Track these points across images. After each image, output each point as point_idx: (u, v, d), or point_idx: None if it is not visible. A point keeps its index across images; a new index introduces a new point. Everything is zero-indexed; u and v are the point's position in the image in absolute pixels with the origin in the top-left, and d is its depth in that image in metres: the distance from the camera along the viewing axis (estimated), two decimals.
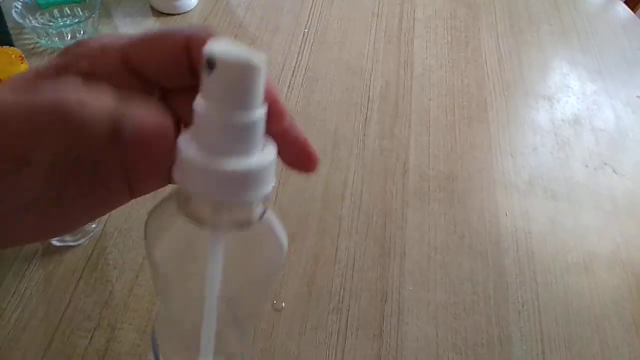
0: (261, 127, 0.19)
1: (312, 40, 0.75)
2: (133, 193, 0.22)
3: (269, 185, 0.19)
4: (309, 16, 0.79)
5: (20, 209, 0.19)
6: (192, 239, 0.22)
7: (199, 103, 0.18)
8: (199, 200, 0.19)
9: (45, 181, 0.19)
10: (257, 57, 0.17)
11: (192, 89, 0.19)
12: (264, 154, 0.19)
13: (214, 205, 0.19)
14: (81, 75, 0.19)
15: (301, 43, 0.75)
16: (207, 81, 0.17)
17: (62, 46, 0.67)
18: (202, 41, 0.18)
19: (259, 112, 0.18)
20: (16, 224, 0.20)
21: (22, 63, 0.36)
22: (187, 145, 0.18)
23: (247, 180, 0.18)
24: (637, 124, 0.73)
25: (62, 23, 0.69)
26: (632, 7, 1.15)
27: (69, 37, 0.66)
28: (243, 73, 0.17)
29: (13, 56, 0.36)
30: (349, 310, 0.49)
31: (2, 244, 0.21)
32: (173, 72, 0.20)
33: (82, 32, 0.67)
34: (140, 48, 0.20)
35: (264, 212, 0.21)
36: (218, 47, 0.17)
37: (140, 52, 0.20)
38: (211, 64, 0.17)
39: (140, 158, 0.20)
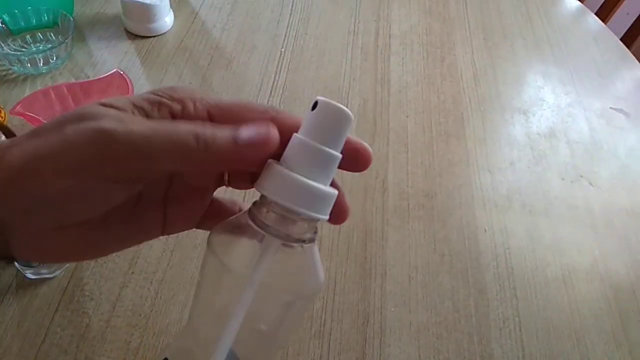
0: (336, 166, 0.24)
1: (289, 59, 0.76)
2: (165, 229, 0.25)
3: (326, 214, 0.23)
4: (285, 35, 0.79)
5: (72, 227, 0.22)
6: (249, 254, 0.24)
7: (296, 136, 0.23)
8: (274, 207, 0.23)
9: (105, 203, 0.22)
10: (348, 110, 0.23)
11: (199, 193, 0.24)
12: (331, 189, 0.23)
13: (282, 213, 0.23)
14: (171, 115, 0.22)
15: (278, 62, 0.75)
16: (308, 117, 0.23)
17: (34, 73, 0.66)
18: (289, 121, 0.23)
19: (338, 154, 0.23)
20: (60, 241, 0.22)
21: None
22: (275, 165, 0.23)
23: (316, 199, 0.23)
24: (611, 135, 0.74)
25: (34, 49, 0.68)
26: (603, 19, 1.17)
27: (42, 63, 0.65)
28: (336, 115, 0.23)
29: None
30: (330, 334, 0.49)
31: (39, 257, 0.24)
32: (226, 162, 0.23)
33: (55, 58, 0.66)
34: (224, 115, 0.23)
35: (311, 239, 0.24)
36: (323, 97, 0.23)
37: (222, 119, 0.23)
38: (315, 104, 0.23)
39: (237, 165, 0.23)
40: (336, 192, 0.23)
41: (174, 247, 0.53)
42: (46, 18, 0.69)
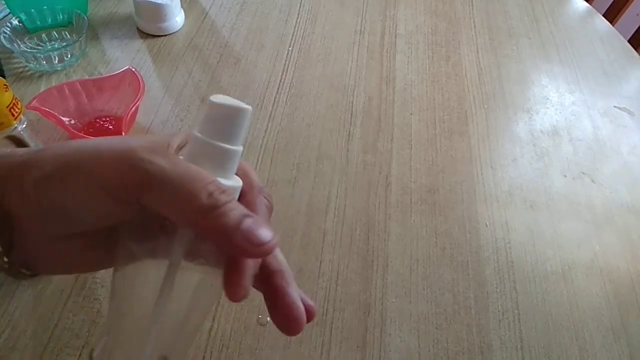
0: (233, 160, 0.24)
1: (295, 58, 0.77)
2: None
3: None
4: (292, 35, 0.81)
5: (76, 237, 0.23)
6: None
7: (194, 133, 0.23)
8: None
9: (109, 218, 0.23)
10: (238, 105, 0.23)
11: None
12: (235, 181, 0.24)
13: None
14: None
15: (285, 61, 0.76)
16: (204, 117, 0.23)
17: (50, 70, 0.68)
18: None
19: (238, 148, 0.24)
20: (61, 250, 0.24)
21: (6, 91, 0.37)
22: None
23: None
24: (614, 133, 0.75)
25: (50, 47, 0.70)
26: (612, 20, 1.18)
27: (57, 61, 0.67)
28: (231, 113, 0.23)
29: None
30: (332, 323, 0.50)
31: (38, 266, 0.25)
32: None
33: (69, 55, 0.68)
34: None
35: None
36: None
37: None
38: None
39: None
40: (240, 183, 0.24)
41: None
42: (61, 17, 0.71)
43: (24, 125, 0.41)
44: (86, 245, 0.24)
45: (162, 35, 0.77)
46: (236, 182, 0.24)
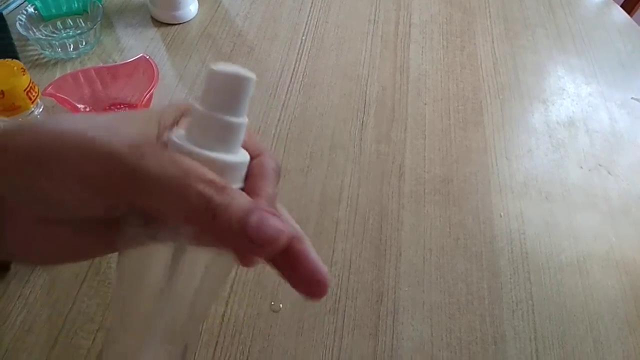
0: (238, 132, 0.22)
1: (309, 47, 0.77)
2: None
3: (239, 183, 0.22)
4: (306, 24, 0.80)
5: (61, 224, 0.22)
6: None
7: (194, 106, 0.21)
8: None
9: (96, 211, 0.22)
10: (241, 73, 0.21)
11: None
12: (240, 155, 0.22)
13: None
14: None
15: (299, 50, 0.76)
16: (205, 87, 0.21)
17: (65, 57, 0.68)
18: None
19: (242, 120, 0.21)
20: (48, 236, 0.22)
21: (23, 75, 0.37)
22: (180, 139, 0.21)
23: (223, 171, 0.21)
24: (632, 125, 0.74)
25: (65, 35, 0.70)
26: (629, 10, 1.16)
27: (72, 48, 0.68)
28: (228, 80, 0.21)
29: (15, 68, 0.37)
30: (345, 310, 0.50)
31: (26, 254, 0.23)
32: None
33: (84, 43, 0.68)
34: None
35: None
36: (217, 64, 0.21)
37: None
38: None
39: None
40: (246, 158, 0.22)
41: None
42: (76, 5, 0.72)
43: (41, 109, 0.41)
44: (78, 231, 0.22)
45: (176, 24, 0.77)
46: (242, 157, 0.22)
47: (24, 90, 0.38)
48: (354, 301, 0.51)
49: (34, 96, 0.39)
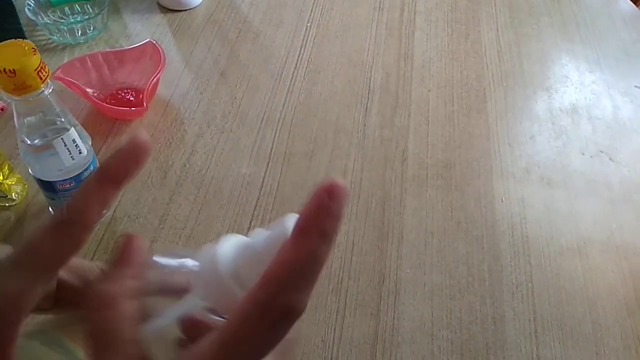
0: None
1: (314, 34, 0.77)
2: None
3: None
4: (311, 11, 0.81)
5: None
6: None
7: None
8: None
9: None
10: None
11: None
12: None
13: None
14: None
15: (304, 37, 0.77)
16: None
17: (73, 42, 0.69)
18: None
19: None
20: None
21: (34, 54, 0.38)
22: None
23: None
24: (635, 113, 0.74)
25: (72, 20, 0.71)
26: (635, 1, 1.15)
27: (79, 33, 0.69)
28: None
29: (26, 48, 0.38)
30: (347, 290, 0.51)
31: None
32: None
33: (92, 28, 0.69)
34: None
35: None
36: None
37: None
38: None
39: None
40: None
41: (202, 206, 0.56)
42: None
43: (51, 90, 0.42)
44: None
45: (182, 10, 0.78)
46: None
47: (35, 70, 0.39)
48: (357, 282, 0.52)
49: (44, 76, 0.40)
